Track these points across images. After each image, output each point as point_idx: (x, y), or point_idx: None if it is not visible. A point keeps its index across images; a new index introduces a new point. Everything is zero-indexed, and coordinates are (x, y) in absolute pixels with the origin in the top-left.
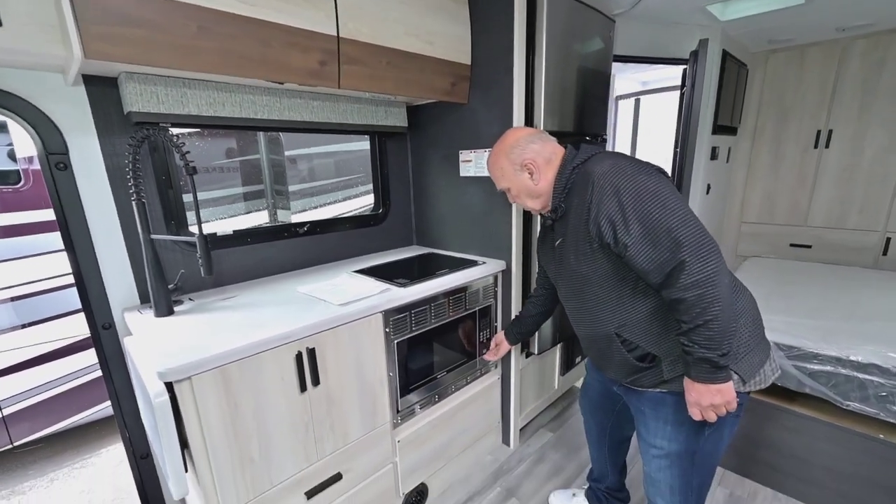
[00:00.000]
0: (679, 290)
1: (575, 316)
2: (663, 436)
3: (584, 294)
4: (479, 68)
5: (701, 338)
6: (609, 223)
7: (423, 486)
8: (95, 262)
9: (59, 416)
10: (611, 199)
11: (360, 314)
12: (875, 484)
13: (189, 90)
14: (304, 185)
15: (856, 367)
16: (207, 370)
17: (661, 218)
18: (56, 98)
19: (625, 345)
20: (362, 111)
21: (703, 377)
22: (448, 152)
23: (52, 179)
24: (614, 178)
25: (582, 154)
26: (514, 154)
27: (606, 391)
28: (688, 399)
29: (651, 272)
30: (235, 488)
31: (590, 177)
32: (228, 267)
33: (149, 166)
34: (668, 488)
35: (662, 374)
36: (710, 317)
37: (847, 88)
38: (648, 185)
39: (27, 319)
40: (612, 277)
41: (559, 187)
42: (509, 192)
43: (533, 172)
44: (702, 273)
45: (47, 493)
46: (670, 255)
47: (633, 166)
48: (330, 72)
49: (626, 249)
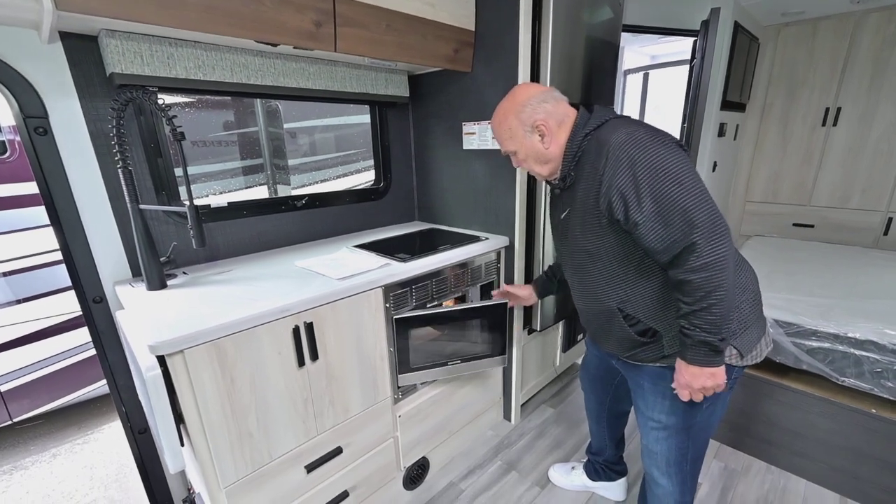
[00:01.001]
0: (686, 271)
1: (577, 290)
2: (661, 409)
3: (588, 269)
4: (484, 35)
5: (702, 321)
6: (621, 198)
7: (424, 459)
8: (83, 233)
9: (60, 392)
10: (625, 172)
11: (360, 289)
12: (865, 456)
13: (175, 50)
14: (305, 159)
15: (853, 344)
16: (201, 343)
17: (677, 196)
18: (31, 57)
19: (626, 320)
20: (361, 79)
21: (698, 360)
22: (451, 124)
23: (32, 145)
24: (630, 150)
25: (596, 118)
26: (525, 113)
27: (605, 366)
28: (678, 380)
29: (660, 251)
30: (233, 461)
31: (604, 146)
32: (224, 240)
33: (136, 133)
34: (664, 460)
35: (663, 349)
36: (714, 300)
37: (858, 64)
38: (666, 160)
39: (23, 295)
40: (618, 254)
41: (570, 154)
42: (515, 155)
43: (544, 135)
44: (711, 256)
45: (49, 467)
46: (682, 235)
47: (651, 137)
48: (326, 34)
49: (636, 227)
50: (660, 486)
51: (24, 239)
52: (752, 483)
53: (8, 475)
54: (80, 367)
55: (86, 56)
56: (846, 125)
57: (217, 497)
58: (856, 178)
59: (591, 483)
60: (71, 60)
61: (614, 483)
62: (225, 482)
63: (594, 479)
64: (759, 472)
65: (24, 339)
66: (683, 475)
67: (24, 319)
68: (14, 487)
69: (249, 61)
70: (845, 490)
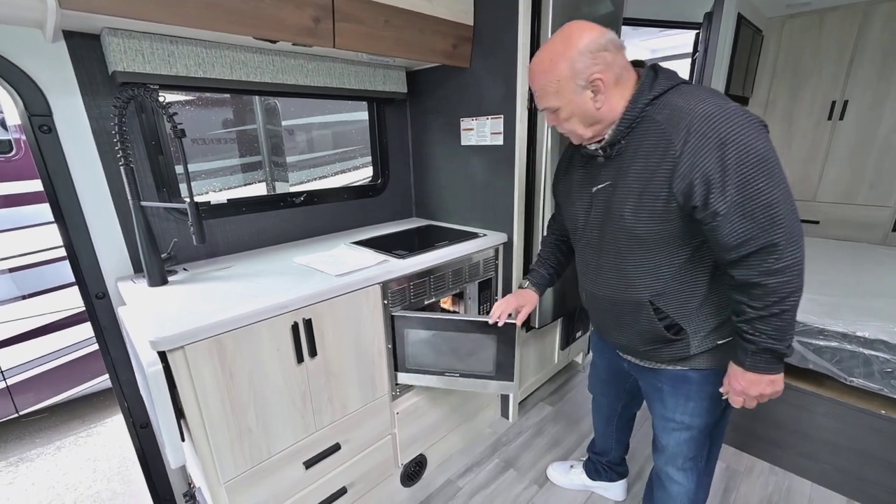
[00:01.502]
0: (761, 273)
1: (601, 276)
2: (684, 411)
3: (626, 255)
4: (482, 30)
5: (770, 327)
6: (704, 182)
7: (421, 456)
8: (86, 230)
9: (65, 386)
10: (713, 152)
11: (358, 285)
12: (873, 457)
13: (176, 48)
14: (303, 156)
15: (862, 343)
16: (201, 339)
17: (764, 188)
18: (36, 56)
19: (656, 313)
20: (359, 75)
21: (761, 367)
22: (449, 120)
23: (37, 143)
24: (721, 127)
25: (663, 81)
26: (583, 63)
27: (616, 370)
28: (733, 387)
29: (731, 247)
30: (233, 457)
31: (684, 116)
32: (223, 237)
33: (138, 131)
34: (684, 460)
35: (686, 350)
36: (788, 306)
37: (866, 56)
38: (757, 144)
39: (27, 291)
40: (670, 243)
41: (628, 118)
42: (556, 113)
43: (598, 91)
44: (792, 259)
45: (54, 460)
46: (762, 232)
47: (742, 114)
48: (324, 30)
49: (713, 217)
50: (675, 482)
51: (30, 236)
52: (755, 484)
53: (14, 467)
54: (84, 362)
55: (88, 54)
56: (854, 118)
57: (217, 492)
58: (863, 172)
59: (590, 482)
60: (74, 59)
61: (615, 483)
62: (225, 477)
63: (594, 479)
64: (762, 473)
65: (30, 334)
66: (699, 471)
67: (30, 315)
68: (20, 479)
69: (249, 58)
70: (851, 492)
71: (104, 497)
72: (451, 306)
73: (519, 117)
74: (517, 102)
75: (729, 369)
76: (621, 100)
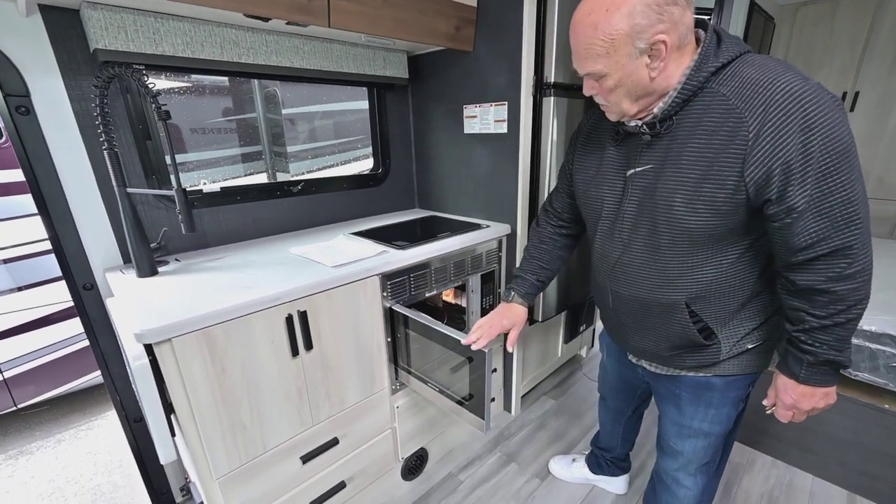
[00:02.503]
0: (829, 279)
1: (627, 272)
2: (704, 418)
3: (669, 251)
4: (487, 11)
5: (832, 337)
6: (784, 171)
7: (422, 450)
8: (71, 218)
9: (64, 378)
10: (796, 136)
11: (356, 277)
12: (877, 452)
13: (162, 25)
14: (304, 146)
15: (868, 337)
16: (190, 332)
17: (846, 183)
18: (9, 31)
19: (691, 317)
20: (358, 58)
21: (817, 380)
22: (452, 107)
23: (14, 126)
24: (809, 107)
25: (731, 47)
26: (647, 18)
27: (628, 377)
28: (783, 400)
29: (800, 248)
30: (226, 452)
31: (760, 90)
32: (217, 226)
33: (123, 114)
34: (697, 465)
35: (717, 356)
36: (854, 315)
37: (879, 46)
38: (843, 132)
39: (23, 282)
40: (724, 239)
41: (687, 91)
42: (602, 81)
43: (658, 58)
44: (864, 263)
45: (54, 453)
46: (836, 233)
47: (827, 93)
48: (319, 7)
49: (788, 213)
50: (684, 487)
51: (25, 226)
52: (756, 477)
53: (13, 460)
54: (84, 354)
55: (68, 31)
56: (864, 110)
57: (210, 488)
58: (872, 165)
59: (592, 476)
60: (52, 35)
61: (617, 478)
62: (217, 473)
63: (596, 473)
64: (763, 467)
65: (27, 326)
66: (709, 476)
67: (28, 306)
68: (20, 472)
69: (240, 38)
70: (854, 487)
71: (105, 490)
72: (454, 299)
73: (524, 104)
74: (522, 89)
75: (777, 381)
76: (679, 67)
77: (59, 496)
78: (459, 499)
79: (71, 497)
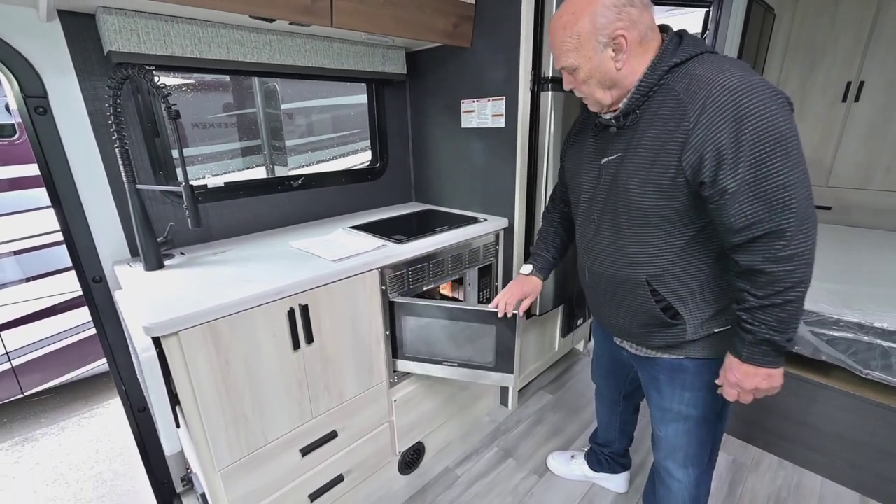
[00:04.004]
0: (766, 260)
1: (599, 251)
2: (681, 401)
3: (628, 230)
4: (484, 8)
5: (772, 318)
6: (715, 157)
7: (419, 444)
8: (82, 213)
9: (69, 367)
10: (729, 126)
11: (355, 270)
12: (890, 454)
13: (172, 27)
14: (302, 140)
15: (879, 335)
16: (196, 325)
17: (780, 169)
18: (30, 36)
19: (653, 295)
20: (358, 56)
21: (757, 359)
22: (449, 102)
23: (33, 125)
24: (742, 100)
25: (688, 47)
26: (607, 17)
27: (617, 360)
28: (728, 378)
29: (737, 230)
30: (228, 444)
31: (702, 85)
32: (220, 221)
33: (134, 113)
34: (683, 453)
35: (683, 335)
36: (792, 297)
37: (885, 34)
38: (778, 122)
39: (31, 273)
40: (676, 221)
41: (647, 85)
42: (574, 73)
43: (620, 50)
44: (801, 247)
45: (58, 440)
46: (771, 215)
47: (766, 87)
48: (322, 7)
49: (721, 195)
50: (675, 479)
51: (33, 219)
52: (763, 478)
53: (20, 446)
54: (86, 344)
55: (84, 34)
56: (870, 100)
57: (213, 479)
58: (880, 156)
59: (591, 473)
60: (69, 39)
61: (617, 475)
62: (220, 464)
63: (596, 470)
64: (770, 467)
65: (34, 316)
66: (702, 468)
67: (35, 297)
68: (25, 458)
69: (245, 38)
70: (867, 489)
71: (106, 477)
72: (451, 292)
73: (522, 99)
74: (520, 83)
75: (725, 359)
76: (642, 63)
77: (62, 482)
78: (457, 494)
79: (73, 483)
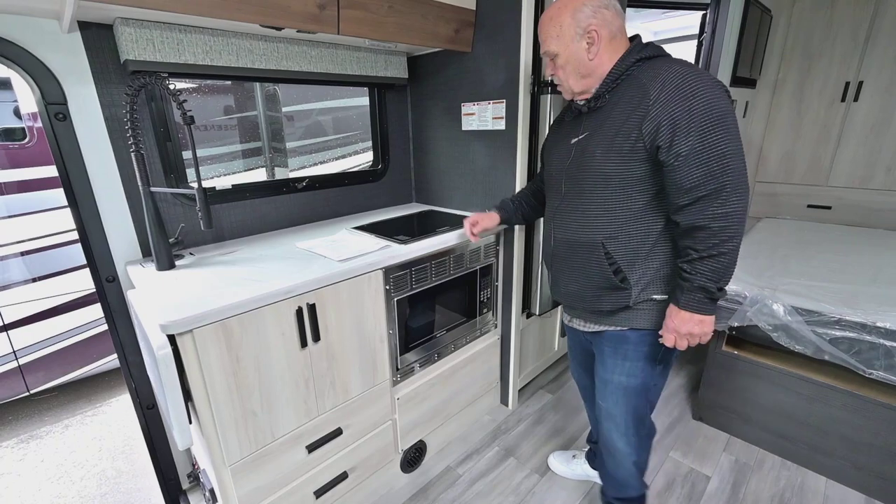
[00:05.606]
0: (705, 216)
1: (563, 218)
2: (622, 371)
3: (590, 194)
4: (485, 14)
5: (706, 268)
6: (671, 126)
7: (421, 443)
8: (97, 215)
9: (73, 366)
10: (682, 102)
11: (361, 270)
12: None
13: (185, 36)
14: (302, 142)
15: (882, 334)
16: (209, 323)
17: (720, 140)
18: (52, 46)
19: (606, 257)
20: (361, 61)
21: (693, 306)
22: (450, 105)
23: (52, 130)
24: (694, 82)
25: (650, 48)
26: (583, 13)
27: (587, 350)
28: (667, 324)
29: (684, 190)
30: (238, 440)
31: (661, 73)
32: (228, 222)
33: (147, 118)
34: (623, 421)
35: (628, 299)
36: (726, 250)
37: (883, 33)
38: (721, 104)
39: (38, 273)
40: (633, 186)
41: (615, 74)
42: (555, 59)
43: (593, 43)
44: (735, 206)
45: (62, 437)
46: (713, 178)
47: (712, 79)
48: (329, 16)
49: (675, 158)
50: (618, 448)
51: (40, 220)
52: (766, 479)
53: (25, 444)
54: (90, 343)
55: (101, 44)
56: (869, 100)
57: (222, 474)
58: (880, 156)
59: (592, 472)
60: (88, 48)
61: None
62: (230, 460)
63: (596, 468)
64: (773, 468)
65: (39, 316)
66: (640, 437)
67: (40, 297)
68: (30, 456)
69: (254, 46)
70: (872, 490)
71: (109, 475)
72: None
73: (522, 102)
74: (520, 87)
75: (667, 310)
76: (612, 58)
77: (66, 480)
78: (459, 492)
79: (77, 481)
